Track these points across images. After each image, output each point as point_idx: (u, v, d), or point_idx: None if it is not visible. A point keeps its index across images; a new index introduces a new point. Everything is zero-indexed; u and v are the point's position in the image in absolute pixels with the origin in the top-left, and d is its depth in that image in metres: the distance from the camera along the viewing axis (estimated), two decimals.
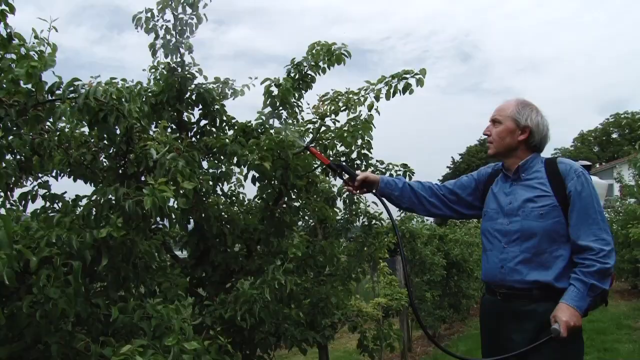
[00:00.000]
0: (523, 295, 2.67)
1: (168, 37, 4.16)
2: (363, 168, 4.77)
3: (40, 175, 3.53)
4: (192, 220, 4.26)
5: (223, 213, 4.44)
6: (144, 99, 3.23)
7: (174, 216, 2.75)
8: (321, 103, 4.45)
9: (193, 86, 4.30)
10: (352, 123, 4.39)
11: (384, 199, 3.19)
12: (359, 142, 4.46)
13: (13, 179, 3.24)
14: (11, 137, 2.92)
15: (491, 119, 2.86)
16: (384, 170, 5.01)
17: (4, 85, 2.63)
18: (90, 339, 2.59)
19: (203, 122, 4.49)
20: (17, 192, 3.38)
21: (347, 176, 3.20)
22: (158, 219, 2.77)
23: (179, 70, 4.23)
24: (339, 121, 4.51)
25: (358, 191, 3.26)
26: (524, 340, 2.62)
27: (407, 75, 4.17)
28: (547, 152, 2.84)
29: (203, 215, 4.19)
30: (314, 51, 4.47)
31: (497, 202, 2.85)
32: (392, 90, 4.22)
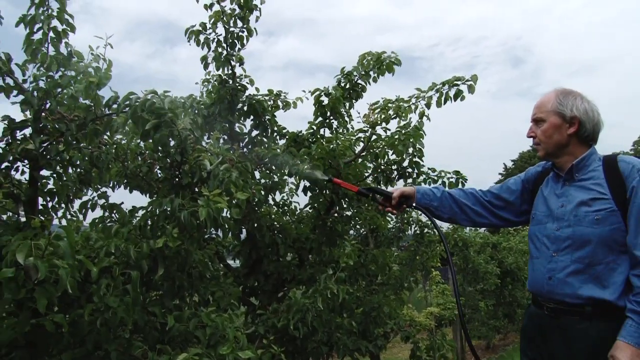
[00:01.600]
0: (574, 312, 2.32)
1: (219, 49, 4.25)
2: (415, 176, 4.73)
3: (98, 187, 3.64)
4: (244, 230, 4.31)
5: (275, 222, 4.47)
6: (196, 111, 3.29)
7: (227, 226, 2.78)
8: (371, 112, 4.44)
9: (244, 97, 4.36)
10: (403, 131, 4.36)
11: (425, 211, 2.86)
12: (410, 150, 4.43)
13: (74, 190, 3.35)
14: (72, 150, 3.02)
15: (532, 118, 2.54)
16: (436, 178, 4.96)
17: (65, 101, 2.73)
18: (147, 346, 2.65)
19: (254, 133, 4.54)
20: (77, 203, 3.50)
21: (381, 198, 2.86)
22: (212, 229, 2.81)
23: (231, 82, 4.30)
24: (389, 129, 4.49)
25: (397, 210, 2.88)
26: None
27: (458, 82, 4.12)
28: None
29: (255, 225, 4.23)
30: (364, 62, 4.47)
31: (547, 205, 2.53)
32: (442, 98, 4.18)
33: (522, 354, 2.65)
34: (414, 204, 2.76)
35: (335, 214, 4.51)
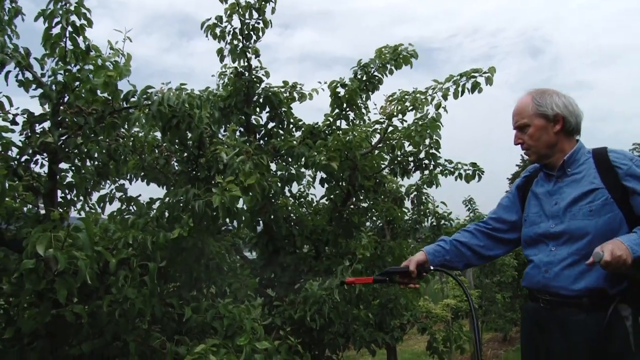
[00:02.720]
0: (571, 304, 2.27)
1: (235, 42, 4.24)
2: (431, 167, 4.72)
3: (116, 179, 3.67)
4: (261, 222, 4.32)
5: (292, 214, 4.49)
6: (213, 104, 3.30)
7: (242, 217, 2.80)
8: (388, 103, 4.43)
9: (260, 89, 4.36)
10: (420, 122, 4.34)
11: (444, 268, 2.70)
12: (427, 141, 4.41)
13: (92, 182, 3.39)
14: (90, 143, 3.05)
15: (515, 126, 2.49)
16: (452, 169, 4.94)
17: (83, 95, 2.76)
18: (165, 337, 2.68)
19: (270, 125, 4.55)
20: (95, 195, 3.55)
21: (398, 277, 2.67)
22: (227, 220, 2.83)
23: (246, 74, 4.31)
24: (406, 121, 4.47)
25: (419, 281, 2.72)
26: (568, 356, 2.26)
27: (476, 74, 4.09)
28: (625, 147, 2.54)
29: (272, 216, 4.25)
30: (381, 55, 4.46)
31: (540, 205, 2.48)
32: (460, 90, 4.15)
33: (521, 350, 2.59)
34: (431, 267, 2.62)
35: (352, 206, 4.51)
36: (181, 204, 2.76)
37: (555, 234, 2.36)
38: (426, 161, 4.66)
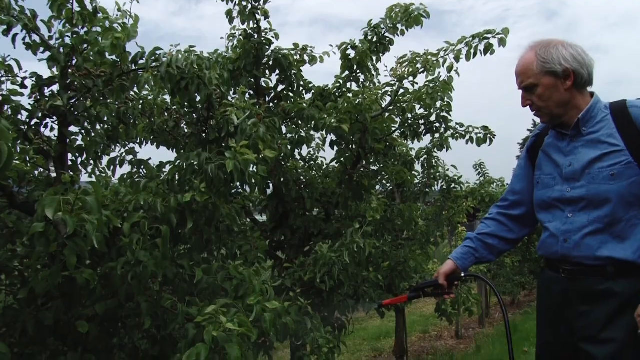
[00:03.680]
0: (595, 272, 2.10)
1: (244, 3, 4.19)
2: (442, 131, 4.69)
3: (126, 143, 3.68)
4: (271, 185, 4.33)
5: (302, 177, 4.49)
6: (222, 66, 3.28)
7: (254, 180, 2.80)
8: (399, 65, 4.38)
9: (270, 52, 4.32)
10: (431, 85, 4.30)
11: (478, 274, 2.66)
12: (438, 104, 4.37)
13: (102, 146, 3.40)
14: (99, 106, 3.04)
15: (521, 87, 2.25)
16: (463, 133, 4.91)
17: (91, 57, 2.74)
18: (177, 298, 2.71)
19: (280, 87, 4.52)
20: (105, 159, 3.56)
21: (430, 290, 2.58)
22: (238, 183, 2.83)
23: (256, 36, 4.26)
24: (417, 83, 4.43)
25: (452, 291, 2.59)
26: (594, 327, 2.08)
27: (489, 35, 4.02)
28: None
29: (282, 179, 4.25)
30: (392, 14, 4.39)
31: (553, 165, 2.27)
32: (472, 51, 4.09)
33: (538, 326, 2.40)
34: (462, 275, 2.50)
35: (362, 169, 4.50)
36: (195, 167, 2.76)
37: (572, 199, 2.17)
38: (437, 124, 4.63)
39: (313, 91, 4.49)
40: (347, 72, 4.47)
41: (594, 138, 2.15)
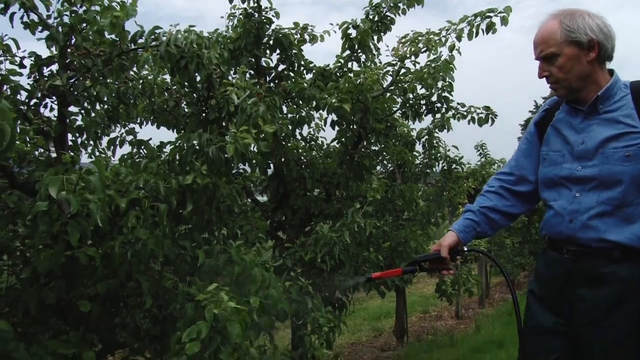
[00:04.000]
0: (600, 255, 2.02)
1: None
2: (443, 111, 4.67)
3: (126, 123, 3.67)
4: (272, 165, 4.33)
5: (302, 157, 4.48)
6: (222, 46, 3.25)
7: (254, 161, 2.79)
8: (400, 45, 4.35)
9: (270, 31, 4.29)
10: (433, 65, 4.28)
11: (481, 249, 2.52)
12: (440, 84, 4.35)
13: (102, 126, 3.39)
14: (99, 86, 3.03)
15: (540, 56, 2.12)
16: (465, 113, 4.90)
17: (90, 37, 2.72)
18: (178, 279, 2.72)
19: (281, 67, 4.49)
20: (105, 140, 3.55)
21: (427, 264, 2.41)
22: (239, 164, 2.83)
23: (256, 15, 4.22)
24: (419, 63, 4.41)
25: (452, 265, 2.44)
26: (596, 310, 2.02)
27: (491, 14, 3.99)
28: None
29: (283, 159, 4.25)
30: None
31: (563, 142, 2.16)
32: (474, 30, 4.06)
33: (532, 305, 2.28)
34: (465, 249, 2.36)
35: (363, 149, 4.49)
36: (196, 147, 2.75)
37: (581, 178, 2.07)
38: (438, 104, 4.61)
39: (314, 71, 4.46)
40: (348, 52, 4.45)
41: (611, 117, 2.05)
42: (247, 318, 2.37)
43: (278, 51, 4.39)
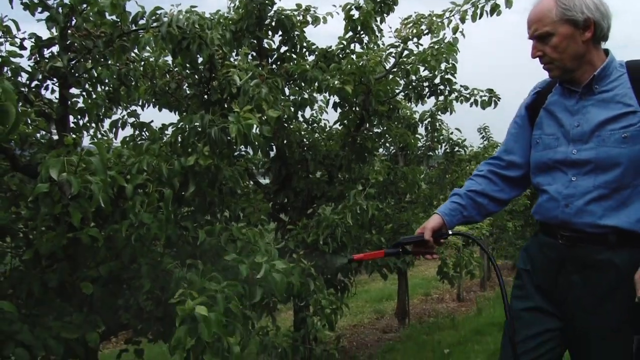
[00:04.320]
0: (595, 241, 1.96)
1: None
2: (446, 93, 4.65)
3: (128, 105, 3.66)
4: (274, 147, 4.32)
5: (305, 139, 4.47)
6: (224, 27, 3.24)
7: (257, 143, 2.78)
8: (404, 26, 4.32)
9: (272, 12, 4.26)
10: (436, 47, 4.25)
11: (466, 233, 2.44)
12: (443, 66, 4.33)
13: (103, 108, 3.38)
14: (100, 68, 3.01)
15: (534, 35, 2.04)
16: (468, 96, 4.88)
17: (91, 18, 2.70)
18: (180, 260, 2.73)
19: (283, 49, 4.47)
20: (107, 122, 3.55)
21: (412, 247, 2.33)
22: (242, 146, 2.82)
23: None
24: (422, 45, 4.38)
25: (436, 249, 2.37)
26: (591, 298, 1.98)
27: None
28: None
29: (285, 141, 4.24)
30: None
31: (557, 125, 2.09)
32: (478, 12, 4.03)
33: (519, 288, 2.24)
34: (450, 232, 2.28)
35: (365, 131, 4.48)
36: (198, 129, 2.74)
37: (577, 162, 2.00)
38: (441, 87, 4.59)
39: (316, 52, 4.44)
40: (350, 33, 4.42)
41: (607, 97, 1.99)
42: (221, 319, 2.31)
43: (280, 33, 4.37)
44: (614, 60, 2.03)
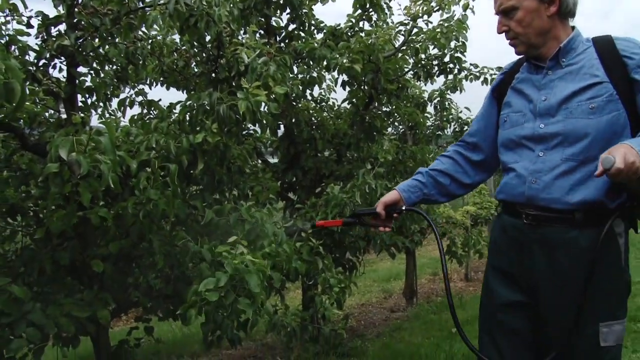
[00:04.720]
0: (560, 219, 1.92)
1: None
2: (456, 72, 4.62)
3: (135, 84, 3.65)
4: (282, 126, 4.31)
5: (313, 118, 4.45)
6: (232, 4, 3.20)
7: (265, 121, 2.77)
8: (413, 4, 4.27)
9: None
10: (446, 24, 4.20)
11: (419, 209, 2.37)
12: (453, 44, 4.28)
13: (111, 87, 3.37)
14: (107, 46, 3.00)
15: (499, 10, 2.02)
16: (477, 74, 4.84)
17: None
18: (190, 238, 2.74)
19: (291, 27, 4.43)
20: (115, 101, 3.54)
21: (370, 219, 2.35)
22: (250, 124, 2.82)
23: None
24: (431, 22, 4.33)
25: (389, 224, 2.35)
26: (554, 280, 1.93)
27: None
28: None
29: (293, 120, 4.22)
30: None
31: (525, 101, 2.06)
32: None
33: (489, 276, 2.22)
34: (404, 208, 2.26)
35: (374, 110, 4.45)
36: (207, 107, 2.73)
37: (544, 136, 1.97)
38: (451, 65, 4.55)
39: (325, 31, 4.40)
40: (359, 11, 4.37)
41: (574, 70, 1.97)
42: (266, 270, 2.39)
43: (288, 10, 4.32)
44: (580, 34, 2.01)
